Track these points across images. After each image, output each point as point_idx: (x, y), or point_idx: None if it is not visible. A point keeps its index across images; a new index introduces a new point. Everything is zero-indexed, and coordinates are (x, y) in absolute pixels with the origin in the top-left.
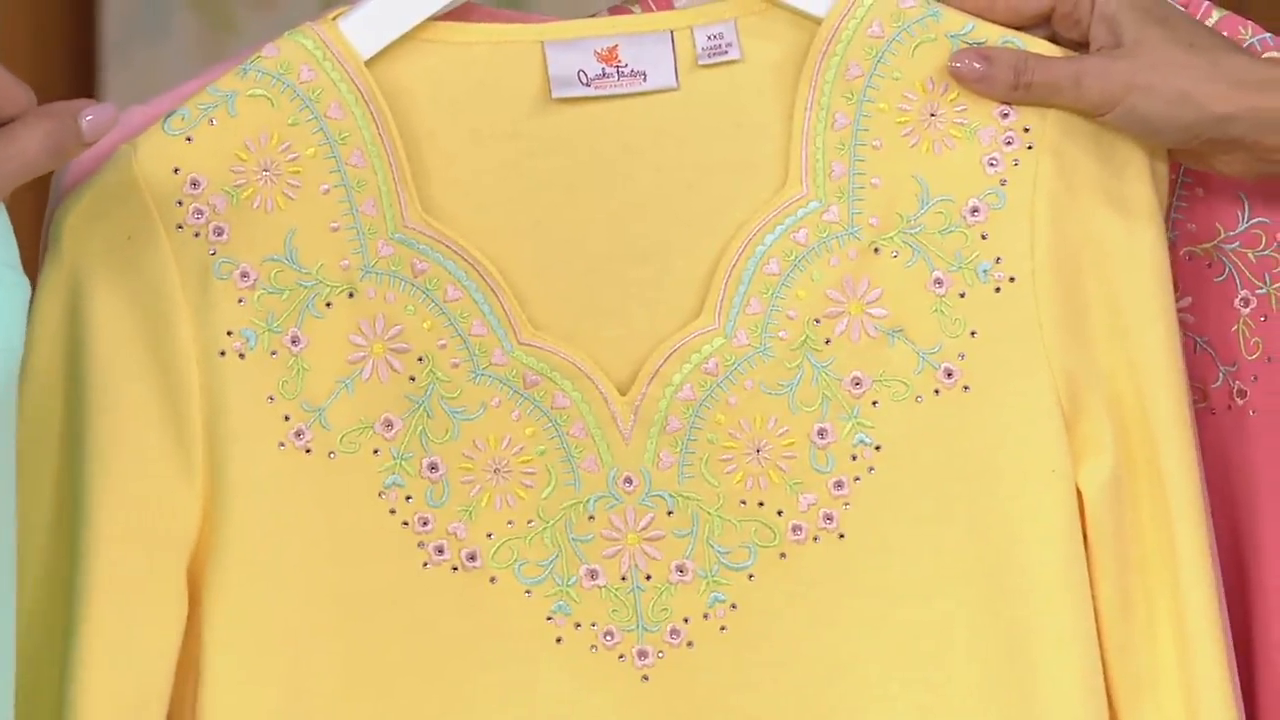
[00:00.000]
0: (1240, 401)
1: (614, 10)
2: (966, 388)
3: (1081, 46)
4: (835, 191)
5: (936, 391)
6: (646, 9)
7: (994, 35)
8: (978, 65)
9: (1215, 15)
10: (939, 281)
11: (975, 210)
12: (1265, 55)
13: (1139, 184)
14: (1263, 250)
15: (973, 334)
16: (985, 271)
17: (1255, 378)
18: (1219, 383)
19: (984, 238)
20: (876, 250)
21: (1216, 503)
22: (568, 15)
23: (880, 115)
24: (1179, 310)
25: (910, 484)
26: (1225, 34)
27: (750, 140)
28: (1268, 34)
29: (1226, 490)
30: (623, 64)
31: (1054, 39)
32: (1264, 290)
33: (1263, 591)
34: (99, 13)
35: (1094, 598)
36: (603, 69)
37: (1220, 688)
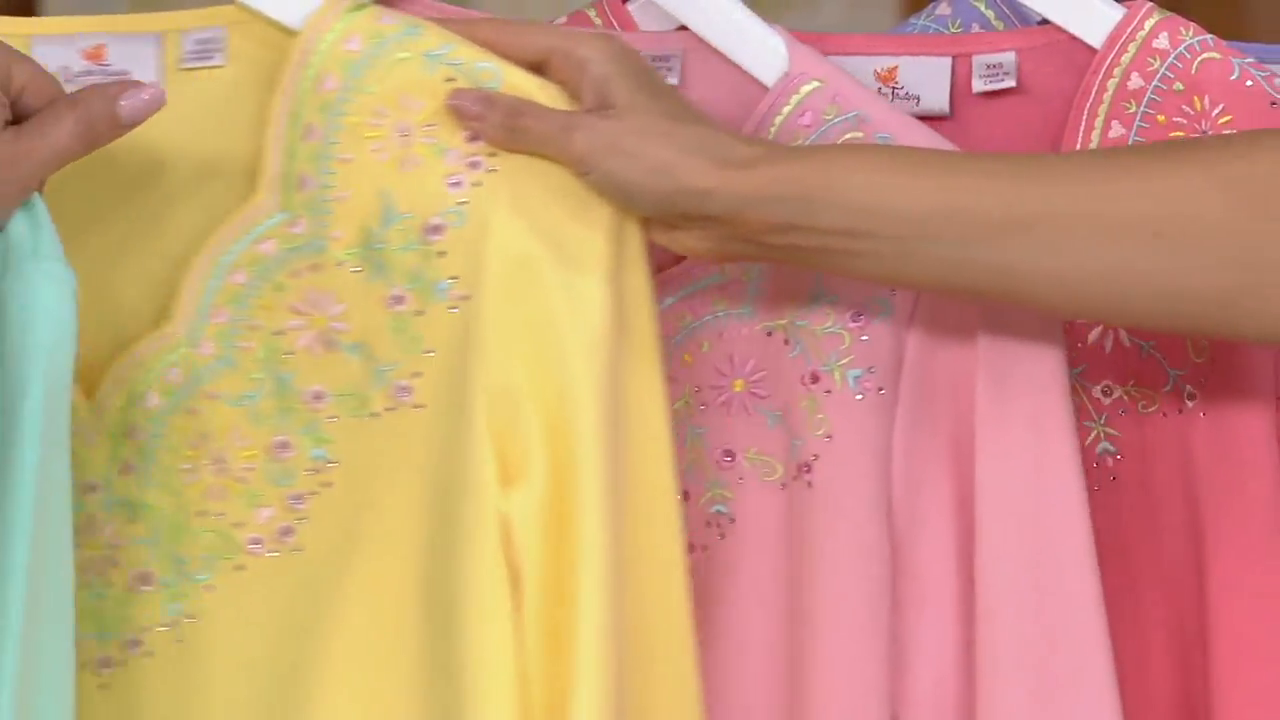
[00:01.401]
0: (1191, 404)
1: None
2: (419, 406)
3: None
4: (304, 203)
5: (391, 408)
6: (605, 18)
7: (471, 57)
8: (475, 106)
9: (1155, 17)
10: (399, 298)
11: (436, 229)
12: (1203, 56)
13: (591, 230)
14: None
15: (428, 352)
16: (443, 290)
17: (1204, 380)
18: (1169, 386)
19: (442, 255)
20: (340, 264)
21: (1174, 504)
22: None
23: (352, 129)
24: None
25: (364, 501)
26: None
27: (226, 148)
28: (1208, 35)
29: (1183, 491)
30: (108, 63)
31: None
32: None
33: (1217, 588)
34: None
35: (524, 625)
36: (88, 67)
37: None
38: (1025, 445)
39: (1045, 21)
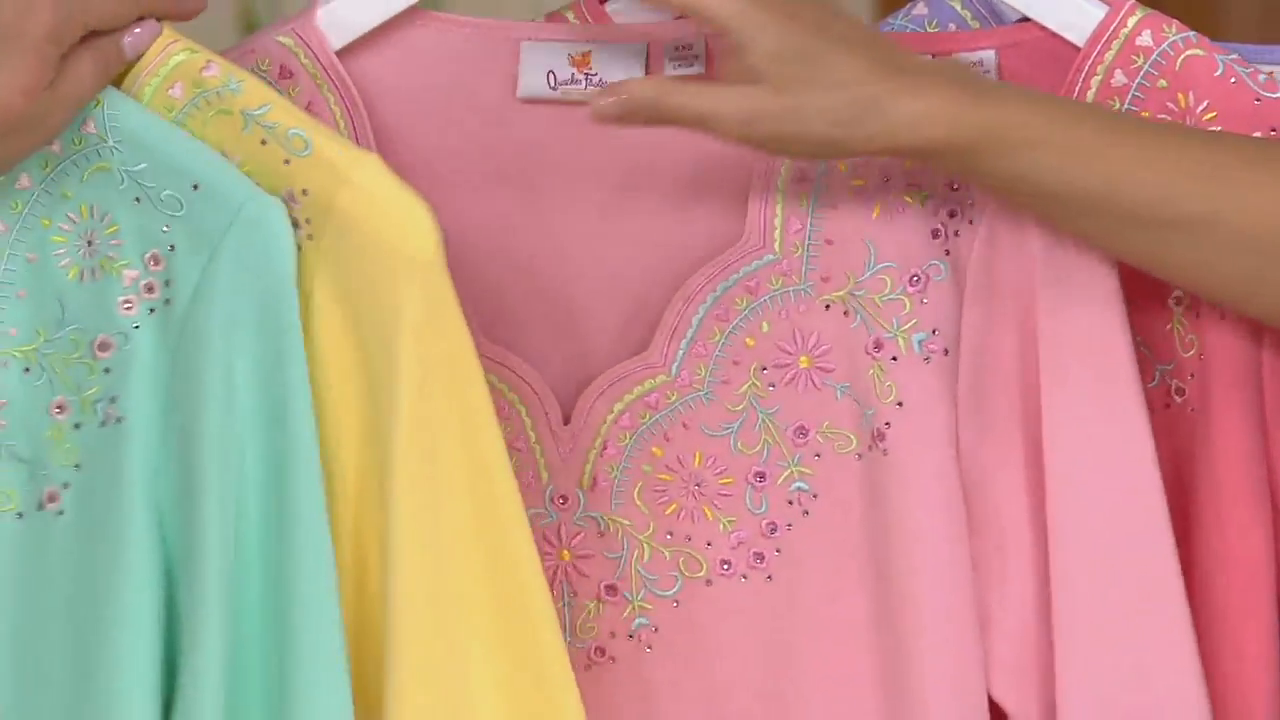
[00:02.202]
0: (1179, 400)
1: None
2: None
3: None
4: None
5: None
6: (582, 19)
7: (286, 120)
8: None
9: (1138, 14)
10: None
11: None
12: (1187, 53)
13: (397, 321)
14: None
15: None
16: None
17: (1192, 375)
18: (1155, 382)
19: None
20: None
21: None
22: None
23: None
24: None
25: None
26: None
27: None
28: (1191, 32)
29: (1170, 485)
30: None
31: None
32: None
33: (1206, 584)
34: None
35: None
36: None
37: None
38: (1090, 392)
39: (1024, 19)
